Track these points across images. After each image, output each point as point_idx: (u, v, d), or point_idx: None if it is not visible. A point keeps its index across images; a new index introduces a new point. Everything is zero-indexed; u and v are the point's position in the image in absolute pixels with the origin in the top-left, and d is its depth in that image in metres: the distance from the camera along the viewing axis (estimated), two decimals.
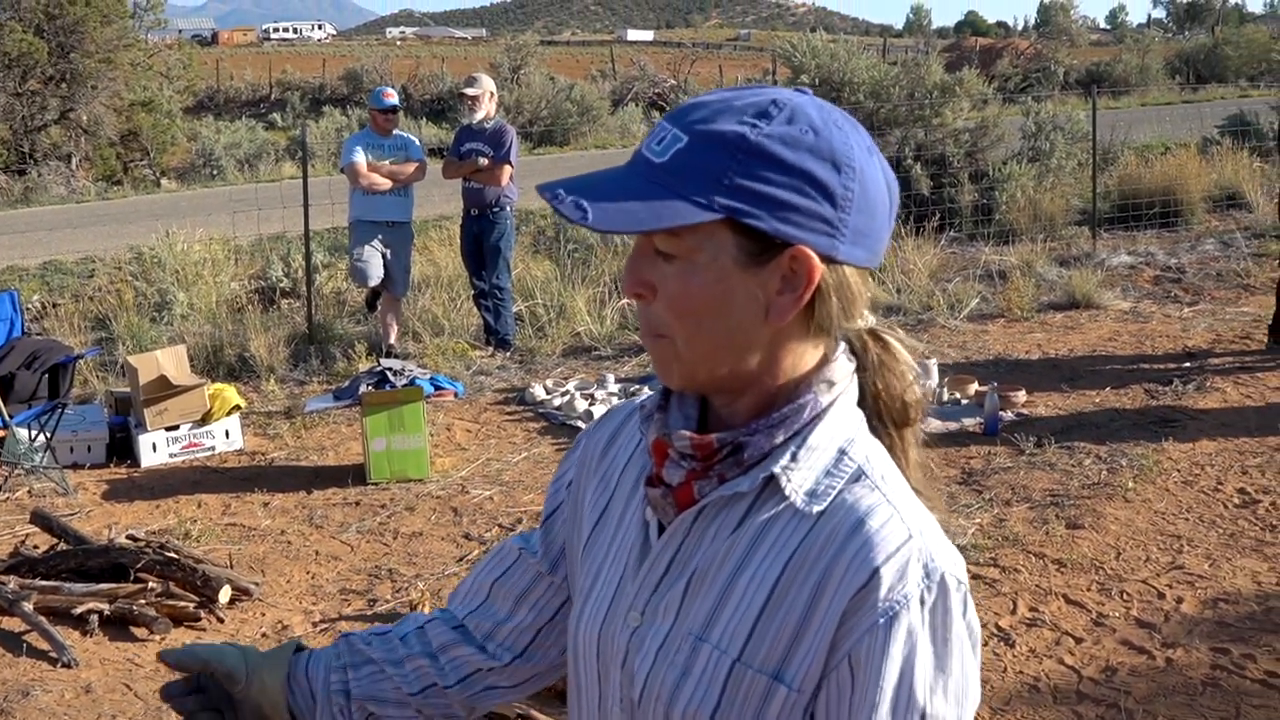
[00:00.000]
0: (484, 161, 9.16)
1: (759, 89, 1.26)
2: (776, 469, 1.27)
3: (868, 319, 1.34)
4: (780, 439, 1.27)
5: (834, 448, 1.28)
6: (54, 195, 22.70)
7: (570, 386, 8.45)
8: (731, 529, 1.29)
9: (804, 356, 1.30)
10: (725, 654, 1.25)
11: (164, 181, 25.54)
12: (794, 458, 1.27)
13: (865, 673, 1.20)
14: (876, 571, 1.20)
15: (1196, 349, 8.83)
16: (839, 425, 1.29)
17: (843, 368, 1.31)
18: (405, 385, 7.72)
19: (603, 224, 1.20)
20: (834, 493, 1.26)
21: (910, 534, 1.23)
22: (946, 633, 1.22)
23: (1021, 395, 7.68)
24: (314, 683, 1.54)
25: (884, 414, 1.35)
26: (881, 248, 1.30)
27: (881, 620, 1.19)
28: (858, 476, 1.27)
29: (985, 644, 4.75)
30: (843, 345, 1.33)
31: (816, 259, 1.23)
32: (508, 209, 9.31)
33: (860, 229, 1.25)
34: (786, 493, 1.26)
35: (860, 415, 1.32)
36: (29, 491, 6.88)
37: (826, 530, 1.24)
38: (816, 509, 1.26)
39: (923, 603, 1.20)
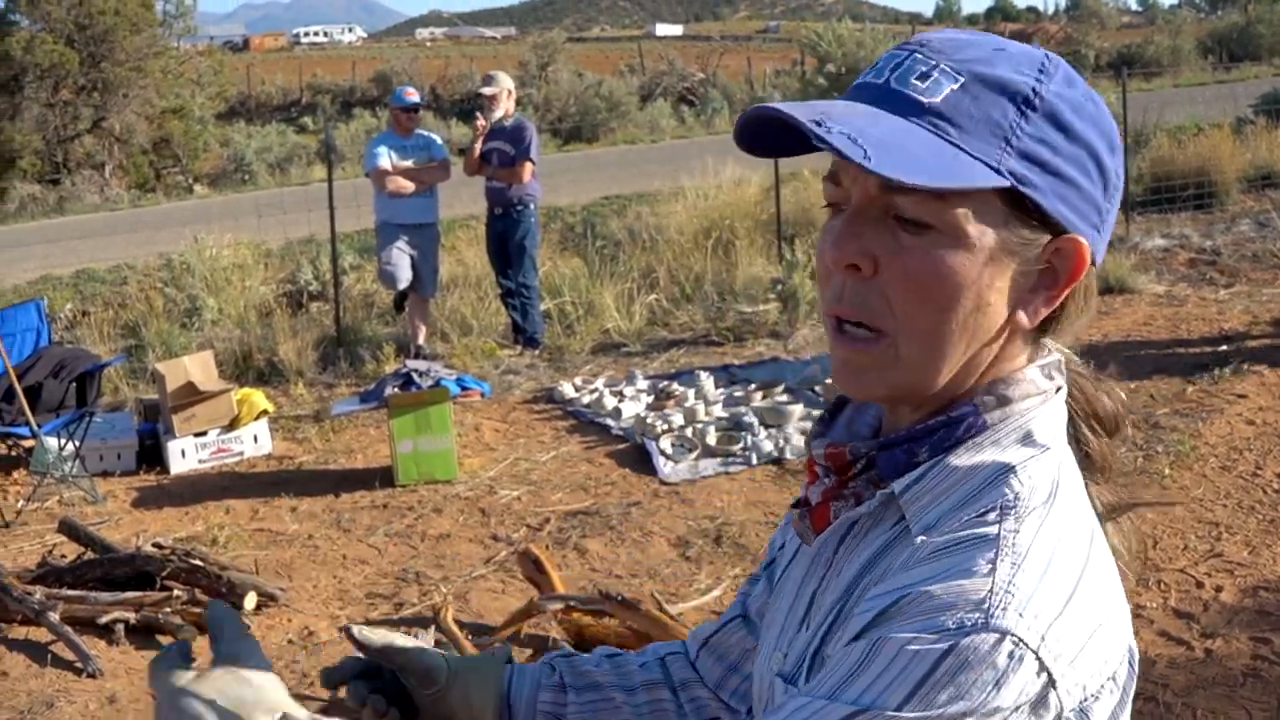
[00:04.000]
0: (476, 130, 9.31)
1: (1008, 41, 1.06)
2: (897, 487, 1.04)
3: None
4: (924, 456, 1.05)
5: (985, 472, 1.03)
6: (88, 204, 22.84)
7: (599, 384, 8.40)
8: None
9: (1009, 365, 1.07)
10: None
11: (196, 187, 25.66)
12: (920, 478, 1.04)
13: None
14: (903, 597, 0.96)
15: (1233, 331, 8.70)
16: (1003, 449, 1.04)
17: (1030, 385, 1.07)
18: (431, 386, 7.69)
19: (887, 169, 0.95)
20: (959, 524, 1.00)
21: (993, 584, 0.94)
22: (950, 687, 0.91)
23: None
24: (516, 700, 1.38)
25: (1094, 420, 1.14)
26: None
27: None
28: (996, 509, 1.00)
29: None
30: (1052, 358, 1.10)
31: (1088, 252, 1.04)
32: (531, 206, 9.27)
33: (1111, 222, 1.08)
34: (908, 518, 1.03)
35: (1049, 447, 1.05)
36: (59, 500, 6.89)
37: (910, 548, 1.01)
38: (921, 539, 1.01)
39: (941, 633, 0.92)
